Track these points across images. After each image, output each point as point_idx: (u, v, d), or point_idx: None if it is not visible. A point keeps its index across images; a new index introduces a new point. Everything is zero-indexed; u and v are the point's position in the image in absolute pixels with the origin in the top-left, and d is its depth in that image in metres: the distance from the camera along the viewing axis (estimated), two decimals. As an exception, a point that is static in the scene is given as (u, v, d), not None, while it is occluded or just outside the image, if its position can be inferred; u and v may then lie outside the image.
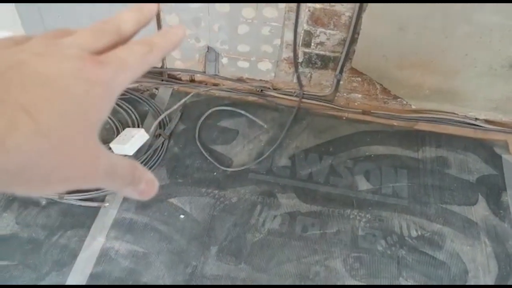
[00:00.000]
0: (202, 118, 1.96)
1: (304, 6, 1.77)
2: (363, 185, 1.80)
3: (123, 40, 0.30)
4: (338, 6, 1.74)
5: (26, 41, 0.29)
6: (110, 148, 1.73)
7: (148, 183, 0.32)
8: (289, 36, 1.89)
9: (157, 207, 1.68)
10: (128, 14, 0.31)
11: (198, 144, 1.88)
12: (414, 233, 1.66)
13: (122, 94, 2.00)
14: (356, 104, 2.10)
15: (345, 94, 2.08)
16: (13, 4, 1.92)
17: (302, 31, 1.87)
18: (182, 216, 1.66)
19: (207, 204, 1.70)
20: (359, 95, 2.08)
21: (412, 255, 1.61)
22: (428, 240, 1.65)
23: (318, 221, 1.68)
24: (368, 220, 1.69)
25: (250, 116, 1.98)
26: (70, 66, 0.26)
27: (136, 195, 0.32)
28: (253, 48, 1.95)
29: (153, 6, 0.32)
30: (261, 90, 2.09)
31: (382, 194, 1.77)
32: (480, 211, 1.74)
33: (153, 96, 2.06)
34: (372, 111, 2.05)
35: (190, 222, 1.65)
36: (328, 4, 1.74)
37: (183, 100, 1.99)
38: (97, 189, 1.62)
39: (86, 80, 0.26)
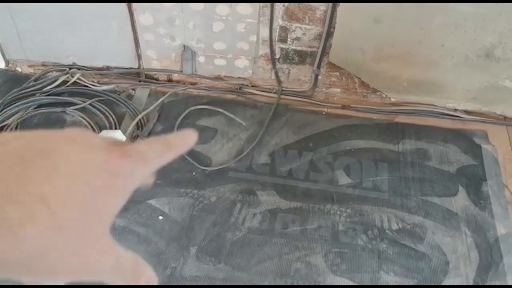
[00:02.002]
0: (180, 118, 1.94)
1: (278, 1, 1.76)
2: (344, 179, 1.78)
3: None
4: (312, 0, 1.73)
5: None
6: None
7: (148, 280, 0.32)
8: (265, 32, 1.88)
9: (136, 209, 1.66)
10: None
11: (177, 144, 1.85)
12: (395, 226, 1.66)
13: (99, 97, 1.98)
14: (335, 98, 2.09)
15: (324, 89, 2.07)
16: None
17: (278, 27, 1.85)
18: (160, 217, 1.64)
19: (186, 204, 1.68)
20: (338, 90, 2.07)
21: (393, 248, 1.60)
22: (409, 233, 1.64)
23: (299, 217, 1.67)
24: (348, 214, 1.68)
25: (229, 114, 1.96)
26: (96, 157, 0.27)
27: None
28: (229, 46, 1.93)
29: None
30: (240, 88, 2.08)
31: (362, 188, 1.76)
32: (460, 201, 1.73)
33: (130, 97, 2.03)
34: (351, 105, 2.04)
35: (169, 223, 1.63)
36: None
37: (160, 100, 1.97)
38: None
39: (108, 171, 0.27)
